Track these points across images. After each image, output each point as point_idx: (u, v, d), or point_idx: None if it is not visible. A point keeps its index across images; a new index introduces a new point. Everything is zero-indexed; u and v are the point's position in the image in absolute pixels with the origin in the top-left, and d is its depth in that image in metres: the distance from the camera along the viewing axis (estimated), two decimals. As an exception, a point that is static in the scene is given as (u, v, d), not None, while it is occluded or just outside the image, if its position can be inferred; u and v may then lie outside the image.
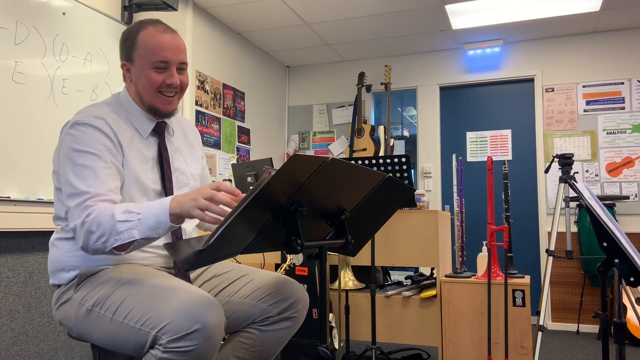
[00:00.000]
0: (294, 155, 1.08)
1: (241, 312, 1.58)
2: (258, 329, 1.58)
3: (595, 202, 1.69)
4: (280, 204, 1.17)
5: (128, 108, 1.56)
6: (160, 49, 1.49)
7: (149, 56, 1.49)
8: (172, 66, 1.51)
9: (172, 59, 1.51)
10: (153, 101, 1.53)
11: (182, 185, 1.62)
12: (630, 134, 4.49)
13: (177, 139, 1.66)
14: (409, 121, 6.15)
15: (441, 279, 2.69)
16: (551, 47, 4.79)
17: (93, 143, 1.41)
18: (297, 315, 1.61)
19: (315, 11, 4.20)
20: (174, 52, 1.51)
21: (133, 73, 1.53)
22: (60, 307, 1.47)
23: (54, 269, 1.50)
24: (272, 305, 1.57)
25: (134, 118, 1.56)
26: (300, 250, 1.19)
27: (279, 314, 1.58)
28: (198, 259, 1.12)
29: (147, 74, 1.50)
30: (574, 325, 4.46)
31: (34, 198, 2.59)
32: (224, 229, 1.08)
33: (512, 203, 4.76)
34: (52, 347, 2.72)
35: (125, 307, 1.31)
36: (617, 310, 1.71)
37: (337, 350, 2.70)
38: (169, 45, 1.50)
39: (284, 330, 1.60)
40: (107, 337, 1.35)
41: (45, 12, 2.72)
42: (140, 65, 1.50)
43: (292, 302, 1.59)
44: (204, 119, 4.14)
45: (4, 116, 2.48)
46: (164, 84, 1.51)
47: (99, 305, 1.36)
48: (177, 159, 1.62)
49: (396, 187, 1.43)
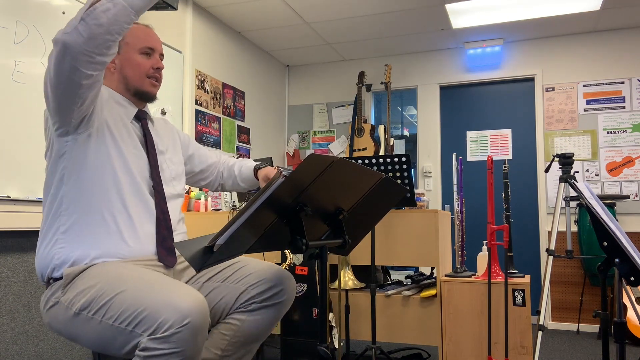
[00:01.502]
0: (310, 155, 1.08)
1: (219, 295, 1.57)
2: (239, 318, 1.56)
3: (596, 201, 1.69)
4: (286, 204, 1.17)
5: (111, 96, 1.62)
6: (147, 36, 1.64)
7: (136, 43, 1.61)
8: (156, 53, 1.66)
9: (156, 47, 1.66)
10: (141, 84, 1.62)
11: (165, 168, 1.67)
12: (631, 134, 4.49)
13: (157, 129, 1.73)
14: (409, 120, 6.15)
15: (441, 278, 2.69)
16: (551, 47, 4.79)
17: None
18: (278, 302, 1.59)
19: (315, 10, 4.19)
20: (157, 42, 1.67)
21: (118, 61, 1.62)
22: (49, 310, 1.46)
23: (42, 267, 1.49)
24: (252, 286, 1.57)
25: (117, 105, 1.61)
26: (306, 250, 1.19)
27: (263, 301, 1.57)
28: (209, 259, 1.12)
29: (136, 59, 1.61)
30: (574, 325, 4.46)
31: (34, 198, 2.59)
32: (238, 228, 1.08)
33: (512, 202, 4.76)
34: (52, 347, 2.72)
35: (114, 308, 1.30)
36: (618, 309, 1.70)
37: (337, 349, 2.70)
38: (153, 35, 1.67)
39: (267, 318, 1.58)
40: (96, 339, 1.34)
41: (45, 11, 2.72)
42: (128, 52, 1.61)
43: (272, 286, 1.58)
44: (204, 119, 4.14)
45: (4, 116, 2.48)
46: (152, 68, 1.63)
47: (87, 308, 1.35)
48: (159, 143, 1.68)
49: (391, 187, 1.43)
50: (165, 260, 1.53)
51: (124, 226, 1.49)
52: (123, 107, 1.62)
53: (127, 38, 1.60)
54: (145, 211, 1.55)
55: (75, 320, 1.38)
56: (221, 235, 1.09)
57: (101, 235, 1.47)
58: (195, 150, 1.91)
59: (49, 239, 1.48)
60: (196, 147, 1.92)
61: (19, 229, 2.54)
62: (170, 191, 1.65)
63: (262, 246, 1.25)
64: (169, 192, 1.64)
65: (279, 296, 1.59)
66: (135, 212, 1.52)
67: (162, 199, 1.59)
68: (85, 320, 1.35)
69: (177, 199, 1.70)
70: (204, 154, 1.93)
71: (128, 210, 1.51)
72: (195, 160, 1.90)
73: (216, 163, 1.95)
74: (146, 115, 1.69)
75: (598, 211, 1.65)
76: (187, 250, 1.18)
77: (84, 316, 1.35)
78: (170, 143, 1.76)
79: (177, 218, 1.67)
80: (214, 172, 1.95)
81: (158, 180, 1.60)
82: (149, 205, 1.56)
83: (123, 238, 1.48)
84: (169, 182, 1.66)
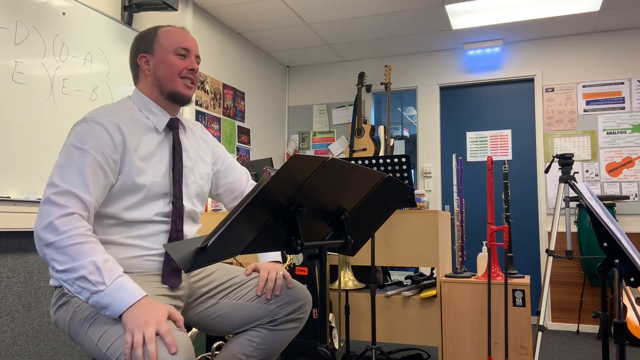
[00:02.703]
0: (293, 155, 1.08)
1: (247, 314, 1.61)
2: (266, 329, 1.62)
3: (596, 202, 1.69)
4: (280, 204, 1.16)
5: (142, 104, 1.58)
6: (183, 38, 1.60)
7: (171, 44, 1.58)
8: (192, 54, 1.61)
9: (192, 48, 1.61)
10: (175, 86, 1.58)
11: (191, 183, 1.62)
12: (630, 134, 4.49)
13: (188, 137, 1.68)
14: (409, 121, 6.16)
15: (441, 279, 2.69)
16: (551, 47, 4.79)
17: (90, 140, 1.41)
18: (303, 316, 1.68)
19: (315, 11, 4.20)
20: (193, 43, 1.62)
21: (152, 63, 1.58)
22: (59, 308, 1.47)
23: None
24: (280, 307, 1.63)
25: (149, 113, 1.58)
26: (300, 251, 1.19)
27: (286, 315, 1.63)
28: (198, 258, 1.11)
29: (170, 60, 1.57)
30: (574, 325, 4.46)
31: (34, 198, 2.59)
32: (225, 229, 1.08)
33: (512, 203, 4.76)
34: (52, 347, 2.72)
35: (108, 337, 1.29)
36: (617, 310, 1.70)
37: (337, 350, 2.70)
38: (189, 37, 1.63)
39: (291, 330, 1.66)
40: (94, 355, 1.35)
41: (45, 12, 2.72)
42: (162, 53, 1.57)
43: (300, 305, 1.66)
44: (204, 119, 4.14)
45: (4, 116, 2.48)
46: (185, 69, 1.58)
47: (88, 323, 1.34)
48: (186, 157, 1.63)
49: (395, 187, 1.43)
50: (169, 281, 1.50)
51: (134, 239, 1.48)
52: (155, 116, 1.57)
53: (161, 39, 1.58)
54: (158, 227, 1.52)
55: (78, 329, 1.39)
56: (212, 237, 1.08)
57: (107, 244, 1.45)
58: (224, 169, 1.80)
59: None
60: (228, 166, 1.81)
61: (19, 229, 2.54)
62: (190, 207, 1.61)
63: (258, 246, 1.24)
64: (188, 209, 1.60)
65: (302, 312, 1.67)
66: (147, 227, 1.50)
67: (178, 216, 1.55)
68: (85, 335, 1.36)
69: (195, 224, 1.65)
70: (233, 176, 1.81)
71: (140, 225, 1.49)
72: (220, 181, 1.80)
73: (242, 191, 1.85)
74: (178, 123, 1.63)
75: (598, 212, 1.65)
76: (177, 252, 1.18)
77: (84, 330, 1.36)
78: (201, 155, 1.70)
79: (192, 234, 1.64)
80: (235, 199, 1.85)
81: (179, 196, 1.55)
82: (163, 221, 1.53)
83: (131, 250, 1.48)
84: (192, 198, 1.62)
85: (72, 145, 1.40)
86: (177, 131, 1.61)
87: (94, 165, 1.39)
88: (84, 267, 1.26)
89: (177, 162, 1.57)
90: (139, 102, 1.59)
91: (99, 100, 3.02)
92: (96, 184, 1.39)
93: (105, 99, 3.06)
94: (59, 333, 2.75)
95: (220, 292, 1.64)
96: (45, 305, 2.68)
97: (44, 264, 2.68)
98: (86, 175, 1.37)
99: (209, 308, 1.63)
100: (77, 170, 1.37)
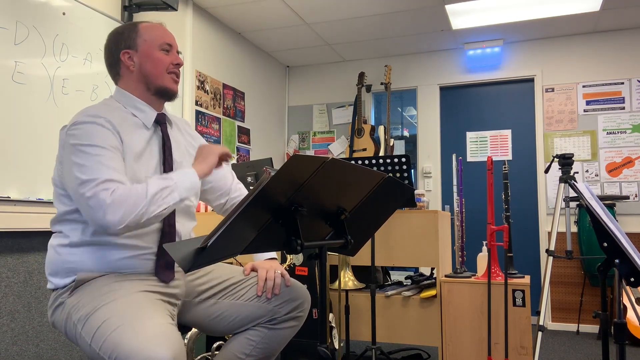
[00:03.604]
0: (293, 155, 1.08)
1: (247, 314, 1.62)
2: (265, 328, 1.63)
3: (596, 202, 1.69)
4: (280, 204, 1.16)
5: (128, 102, 1.58)
6: (164, 33, 1.62)
7: (155, 39, 1.59)
8: (174, 49, 1.63)
9: (174, 43, 1.64)
10: (162, 81, 1.58)
11: None
12: (630, 134, 4.49)
13: (175, 132, 1.68)
14: (409, 121, 6.16)
15: (441, 279, 2.69)
16: (551, 47, 4.79)
17: (95, 137, 1.42)
18: (302, 315, 1.69)
19: (315, 11, 4.20)
20: (174, 38, 1.65)
21: (136, 59, 1.57)
22: (55, 310, 1.47)
23: (53, 273, 1.49)
24: (279, 306, 1.63)
25: (135, 110, 1.57)
26: (300, 251, 1.19)
27: (286, 314, 1.64)
28: (198, 258, 1.11)
29: (156, 55, 1.58)
30: (574, 325, 4.46)
31: (34, 198, 2.59)
32: (225, 229, 1.08)
33: (512, 203, 4.76)
34: (52, 347, 2.72)
35: (99, 336, 1.30)
36: (617, 310, 1.70)
37: (337, 350, 2.70)
38: (169, 32, 1.65)
39: (290, 329, 1.66)
40: (89, 355, 1.36)
41: (45, 12, 2.72)
42: (147, 49, 1.57)
43: (299, 303, 1.66)
44: (204, 119, 4.14)
45: (4, 116, 2.48)
46: (171, 64, 1.60)
47: (82, 324, 1.35)
48: (176, 151, 1.63)
49: (395, 187, 1.43)
50: (162, 275, 1.50)
51: (128, 239, 1.47)
52: (142, 113, 1.57)
53: (144, 35, 1.58)
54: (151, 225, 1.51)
55: (73, 330, 1.40)
56: (212, 237, 1.08)
57: (102, 245, 1.46)
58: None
59: (64, 248, 1.50)
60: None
61: (19, 229, 2.54)
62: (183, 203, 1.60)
63: (258, 246, 1.24)
64: (180, 205, 1.57)
65: (302, 310, 1.68)
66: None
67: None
68: (79, 336, 1.37)
69: (190, 220, 1.65)
70: (217, 174, 1.78)
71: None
72: (206, 179, 1.75)
73: (228, 190, 1.81)
74: (165, 118, 1.63)
75: (598, 212, 1.65)
76: (177, 252, 1.18)
77: (78, 331, 1.37)
78: (189, 150, 1.69)
79: (187, 235, 1.63)
80: (220, 197, 1.82)
81: None
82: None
83: (123, 248, 1.47)
84: None
85: (82, 145, 1.40)
86: (165, 126, 1.62)
87: (111, 154, 1.41)
88: (155, 192, 1.38)
89: (167, 156, 1.57)
90: (124, 100, 1.58)
91: (98, 100, 3.01)
92: (122, 168, 1.43)
93: (105, 99, 3.06)
94: (59, 333, 2.75)
95: (219, 292, 1.64)
96: (45, 305, 2.68)
97: (44, 264, 2.68)
98: (110, 163, 1.39)
99: (209, 308, 1.63)
100: (99, 162, 1.38)
